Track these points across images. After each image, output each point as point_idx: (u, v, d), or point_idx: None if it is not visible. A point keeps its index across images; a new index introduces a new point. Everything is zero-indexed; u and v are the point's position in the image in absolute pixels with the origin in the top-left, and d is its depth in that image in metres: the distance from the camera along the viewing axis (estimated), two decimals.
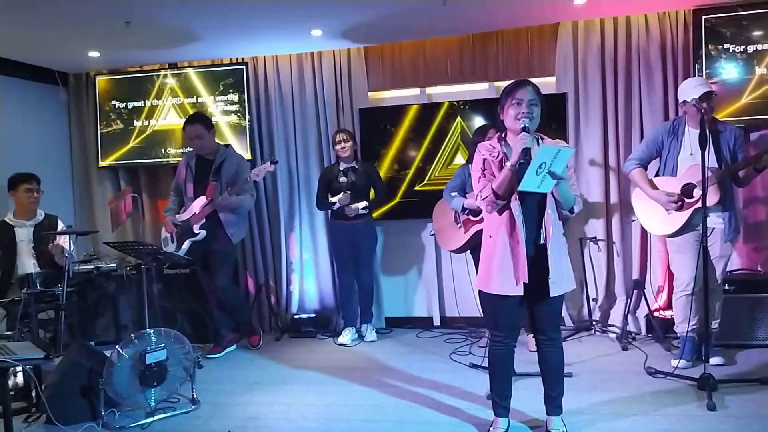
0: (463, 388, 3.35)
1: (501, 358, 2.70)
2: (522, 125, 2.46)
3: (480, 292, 2.66)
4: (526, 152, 2.38)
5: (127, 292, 4.58)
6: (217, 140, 4.39)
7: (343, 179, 4.42)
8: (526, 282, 2.50)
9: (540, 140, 2.59)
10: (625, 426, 2.76)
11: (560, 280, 2.55)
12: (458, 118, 4.62)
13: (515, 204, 2.52)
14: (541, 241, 2.53)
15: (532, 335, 3.67)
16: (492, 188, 2.52)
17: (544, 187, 2.43)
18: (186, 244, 4.12)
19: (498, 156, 2.57)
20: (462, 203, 3.83)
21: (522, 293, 2.53)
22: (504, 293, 2.55)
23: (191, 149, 4.36)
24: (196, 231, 4.10)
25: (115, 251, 4.39)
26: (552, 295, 2.53)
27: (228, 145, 4.39)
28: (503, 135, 2.63)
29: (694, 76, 4.03)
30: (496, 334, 2.69)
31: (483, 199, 2.57)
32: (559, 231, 2.60)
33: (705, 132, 3.07)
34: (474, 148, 2.73)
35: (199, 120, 4.18)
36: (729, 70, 4.06)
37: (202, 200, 4.11)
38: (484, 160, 2.61)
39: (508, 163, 2.47)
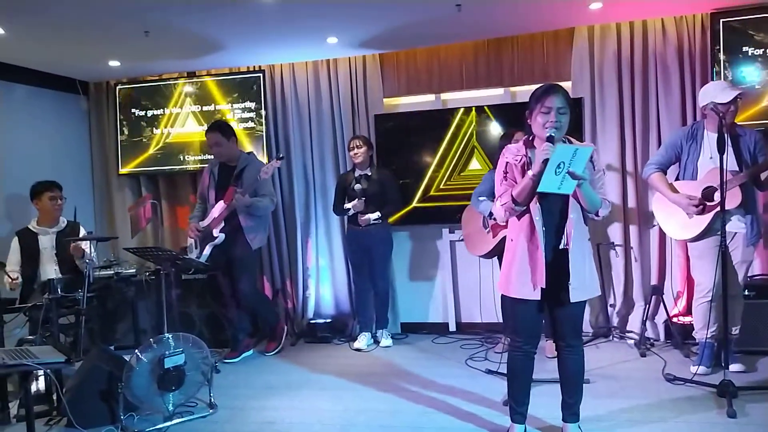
0: (479, 394, 3.34)
1: (520, 364, 2.68)
2: (548, 134, 2.42)
3: (502, 296, 2.66)
4: (547, 163, 2.35)
5: (146, 298, 4.64)
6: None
7: (357, 186, 4.44)
8: (544, 287, 2.49)
9: (568, 142, 2.55)
10: None
11: (582, 286, 2.51)
12: (473, 124, 4.62)
13: (535, 208, 2.50)
14: (562, 246, 2.50)
15: (550, 341, 3.67)
16: (511, 195, 2.50)
17: (565, 188, 2.38)
18: (207, 249, 4.19)
19: (521, 161, 2.55)
20: (490, 207, 3.82)
21: (539, 298, 2.51)
22: (522, 297, 2.54)
23: (213, 157, 4.43)
24: (215, 234, 4.16)
25: (134, 257, 4.45)
26: (572, 300, 2.50)
27: (250, 153, 4.46)
28: (531, 138, 2.59)
29: (712, 80, 3.99)
30: (515, 339, 2.67)
31: (502, 205, 2.56)
32: (583, 236, 2.55)
33: (723, 135, 3.04)
34: (499, 153, 2.71)
35: (218, 128, 4.25)
36: (748, 74, 4.02)
37: (221, 204, 4.17)
38: (507, 163, 2.59)
39: (530, 172, 2.44)
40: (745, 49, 4.01)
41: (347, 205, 4.44)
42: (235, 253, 4.24)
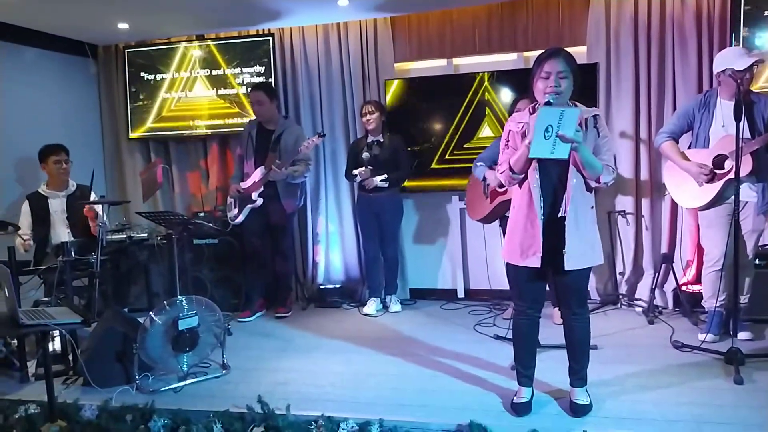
0: (487, 359, 3.38)
1: (524, 329, 2.72)
2: (546, 99, 2.38)
3: (506, 262, 2.68)
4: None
5: (159, 261, 4.68)
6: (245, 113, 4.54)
7: (366, 154, 4.43)
8: (540, 254, 2.50)
9: (575, 107, 2.53)
10: (650, 398, 2.76)
11: (579, 254, 2.51)
12: (485, 90, 4.57)
13: (533, 175, 2.49)
14: (560, 215, 2.50)
15: (557, 308, 3.69)
16: (509, 163, 2.50)
17: (559, 153, 2.34)
18: (245, 211, 4.34)
19: (522, 128, 2.53)
20: (483, 173, 3.82)
21: (538, 265, 2.52)
22: (522, 264, 2.57)
23: (252, 119, 4.55)
24: (254, 198, 4.28)
25: (146, 221, 4.49)
26: (567, 268, 2.50)
27: (287, 116, 4.50)
28: (535, 107, 2.56)
29: (731, 46, 3.91)
30: (519, 304, 2.72)
31: (501, 173, 2.56)
32: (585, 203, 2.53)
33: (740, 103, 3.00)
34: None
35: (262, 87, 4.43)
36: (767, 40, 3.93)
37: (261, 169, 4.28)
38: (510, 131, 2.58)
39: (526, 140, 2.42)
40: (766, 14, 3.91)
41: (355, 171, 4.44)
42: (272, 219, 4.40)
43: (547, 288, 2.76)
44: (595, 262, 2.60)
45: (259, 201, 4.30)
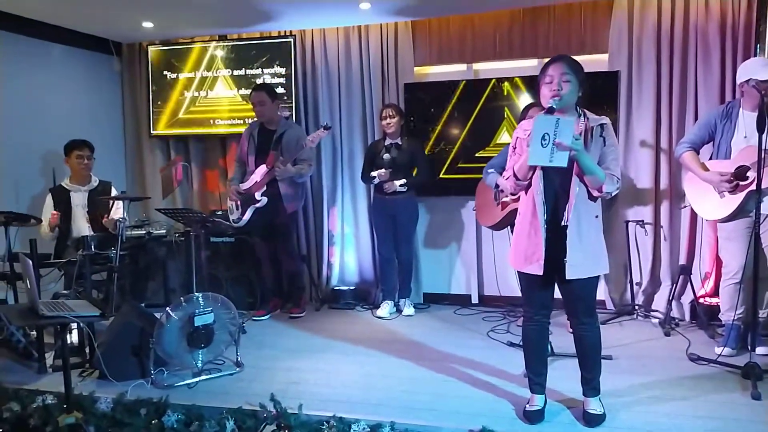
0: (500, 366, 3.37)
1: (533, 334, 2.72)
2: (549, 105, 2.40)
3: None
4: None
5: (176, 258, 4.74)
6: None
7: (386, 156, 4.44)
8: (542, 261, 2.51)
9: (584, 115, 2.53)
10: (664, 410, 2.74)
11: (580, 264, 2.50)
12: (505, 95, 4.56)
13: (537, 183, 2.51)
14: (563, 223, 2.49)
15: None
16: (513, 169, 2.52)
17: (558, 161, 2.34)
18: (249, 212, 4.32)
19: (529, 135, 2.51)
20: (495, 180, 3.81)
21: (541, 272, 2.53)
22: (525, 271, 2.59)
23: (253, 120, 4.52)
24: (257, 198, 4.26)
25: (164, 218, 4.53)
26: (567, 277, 2.50)
27: (288, 117, 4.51)
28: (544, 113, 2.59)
29: (755, 56, 3.86)
30: (527, 309, 2.73)
31: (506, 180, 2.60)
32: (588, 212, 2.53)
33: (764, 114, 2.96)
34: None
35: (264, 88, 4.40)
36: None
37: (263, 168, 4.27)
38: (517, 138, 2.61)
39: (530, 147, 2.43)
40: None
41: (373, 173, 4.44)
42: (273, 218, 4.37)
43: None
44: (599, 271, 2.58)
45: (263, 200, 4.28)
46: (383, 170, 4.39)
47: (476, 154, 4.65)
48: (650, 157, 4.35)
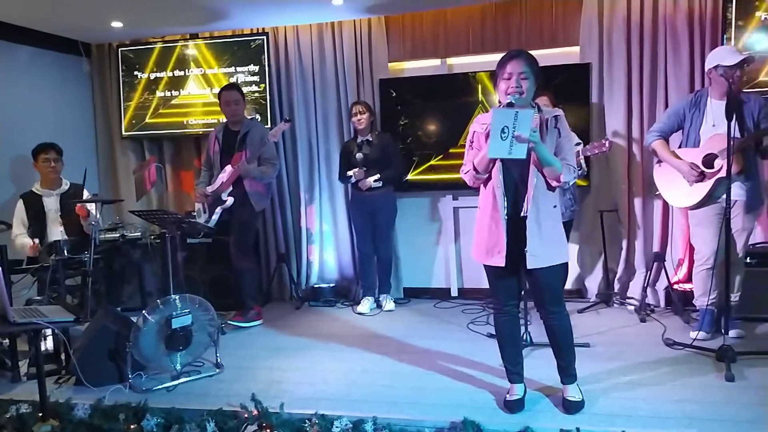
0: (480, 358, 3.39)
1: (504, 325, 2.76)
2: (508, 101, 2.42)
3: None
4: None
5: (152, 261, 4.67)
6: None
7: (358, 154, 4.44)
8: (504, 253, 2.54)
9: (537, 108, 2.56)
10: (642, 395, 2.78)
11: (541, 254, 2.53)
12: (479, 89, 4.58)
13: (496, 175, 2.55)
14: (523, 214, 2.53)
15: None
16: (472, 163, 2.55)
17: (517, 153, 2.36)
18: (217, 213, 4.22)
19: (486, 129, 2.55)
20: None
21: (503, 264, 2.56)
22: (488, 263, 2.63)
23: (221, 121, 4.44)
24: (224, 198, 4.18)
25: (139, 220, 4.47)
26: (529, 267, 2.53)
27: (253, 118, 4.45)
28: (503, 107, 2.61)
29: (722, 46, 3.94)
30: (495, 301, 2.77)
31: (465, 173, 2.62)
32: (547, 202, 2.56)
33: (732, 102, 3.02)
34: None
35: (236, 87, 4.38)
36: (759, 40, 3.96)
37: (228, 168, 4.19)
38: (474, 132, 2.63)
39: (489, 140, 2.44)
40: (757, 14, 3.95)
41: (349, 173, 4.45)
42: (238, 217, 4.27)
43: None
44: (559, 260, 2.61)
45: (230, 200, 4.18)
46: (357, 169, 4.39)
47: (451, 149, 4.67)
48: (623, 147, 4.41)
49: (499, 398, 2.80)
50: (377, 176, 4.40)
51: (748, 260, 3.69)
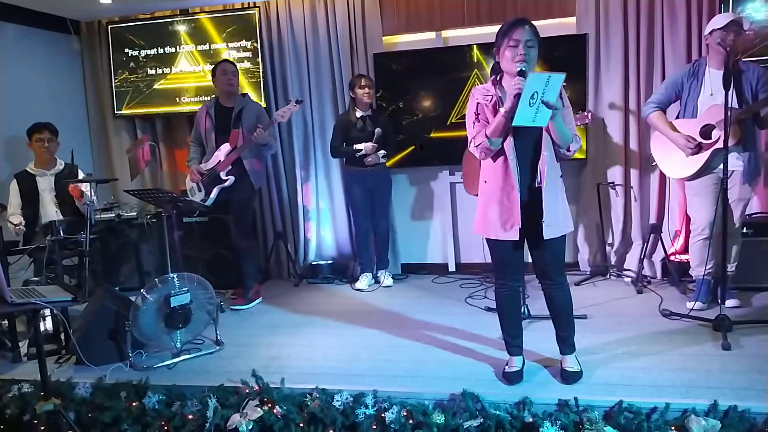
0: (479, 331, 3.41)
1: (506, 300, 2.75)
2: (519, 68, 2.37)
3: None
4: (520, 97, 2.29)
5: (149, 240, 4.67)
6: None
7: (377, 129, 4.35)
8: (521, 227, 2.51)
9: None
10: (639, 365, 2.81)
11: (555, 223, 2.53)
12: (475, 62, 4.53)
13: (509, 147, 2.50)
14: (536, 185, 2.51)
15: None
16: (485, 134, 2.48)
17: (540, 120, 2.34)
18: (214, 192, 4.14)
19: (492, 100, 2.52)
20: None
21: (517, 238, 2.54)
22: (500, 238, 2.58)
23: (211, 97, 4.35)
24: (224, 177, 4.11)
25: (135, 199, 4.45)
26: (545, 238, 2.52)
27: (245, 94, 4.38)
28: (498, 78, 2.57)
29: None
30: (500, 276, 2.74)
31: (477, 146, 2.54)
32: (556, 173, 2.56)
33: (728, 71, 3.00)
34: None
35: (230, 61, 4.28)
36: (756, 9, 3.92)
37: (226, 147, 4.11)
38: (478, 104, 2.56)
39: (502, 109, 2.41)
40: None
41: (358, 146, 4.36)
42: (238, 196, 4.19)
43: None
44: (569, 229, 2.63)
45: (231, 179, 4.10)
46: (369, 144, 4.33)
47: (448, 123, 4.64)
48: (619, 119, 4.39)
49: (498, 370, 2.82)
50: (383, 152, 4.37)
51: (744, 230, 3.70)
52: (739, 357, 2.83)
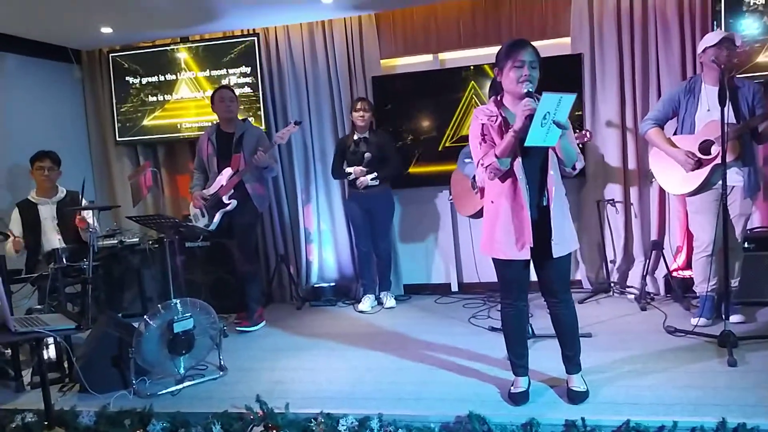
0: (483, 351, 3.40)
1: (512, 320, 2.75)
2: (525, 89, 2.41)
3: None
4: (532, 118, 2.32)
5: (151, 266, 4.67)
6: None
7: (367, 153, 4.38)
8: (530, 245, 2.52)
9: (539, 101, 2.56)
10: (645, 383, 2.79)
11: (563, 241, 2.55)
12: (471, 83, 4.58)
13: (518, 166, 2.51)
14: (544, 203, 2.52)
15: None
16: (495, 155, 2.49)
17: (550, 140, 2.37)
18: (217, 217, 4.16)
19: (497, 120, 2.54)
20: (473, 172, 3.82)
21: (529, 257, 2.55)
22: (510, 258, 2.58)
23: (212, 124, 4.39)
24: (226, 201, 4.13)
25: (137, 226, 4.47)
26: (555, 256, 2.53)
27: (246, 119, 4.43)
28: (499, 98, 2.60)
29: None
30: (506, 296, 2.73)
31: (486, 167, 2.54)
32: (561, 191, 2.58)
33: (725, 87, 3.03)
34: None
35: (229, 87, 4.35)
36: (749, 26, 3.97)
37: (228, 171, 4.13)
38: (483, 125, 2.58)
39: (512, 130, 2.43)
40: (746, 0, 3.96)
41: (348, 169, 4.43)
42: (241, 220, 4.20)
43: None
44: (575, 246, 2.66)
45: (233, 203, 4.13)
46: (358, 167, 4.37)
47: (446, 144, 4.67)
48: (617, 136, 4.42)
49: (504, 391, 2.80)
50: (374, 174, 4.39)
51: (746, 245, 3.71)
52: (746, 373, 2.82)
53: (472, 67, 4.58)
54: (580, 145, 3.93)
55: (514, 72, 2.46)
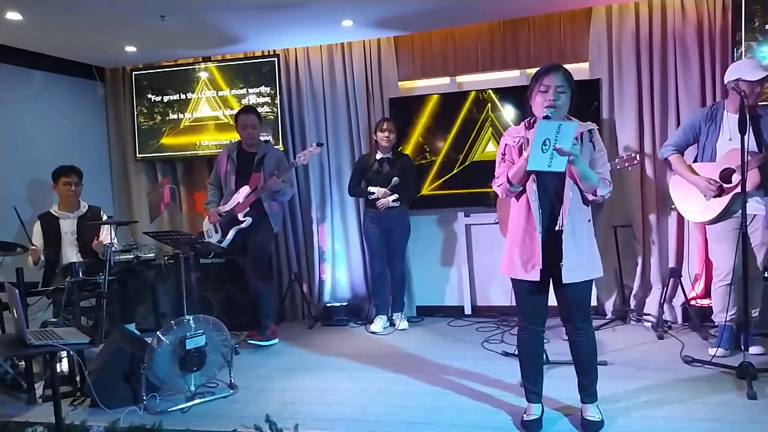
0: (496, 376, 3.36)
1: (528, 344, 2.71)
2: (545, 114, 2.41)
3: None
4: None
5: (166, 281, 4.69)
6: None
7: (395, 178, 4.37)
8: (540, 268, 2.50)
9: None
10: (662, 414, 2.73)
11: (577, 268, 2.51)
12: (488, 107, 4.59)
13: (531, 189, 2.51)
14: (558, 227, 2.50)
15: None
16: (507, 175, 2.51)
17: (556, 166, 2.36)
18: (231, 233, 4.21)
19: (519, 142, 2.56)
20: None
21: (538, 278, 2.53)
22: (522, 278, 2.57)
23: (233, 141, 4.45)
24: (241, 218, 4.18)
25: (153, 241, 4.50)
26: (564, 282, 2.50)
27: (268, 141, 4.48)
28: (531, 121, 2.60)
29: (732, 60, 3.92)
30: (522, 318, 2.72)
31: (498, 186, 2.58)
32: (581, 216, 2.54)
33: (745, 115, 3.00)
34: None
35: (255, 111, 4.36)
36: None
37: (245, 189, 4.19)
38: (506, 145, 2.61)
39: (525, 153, 2.44)
40: (766, 27, 3.94)
41: (371, 189, 4.43)
42: (256, 237, 4.25)
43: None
44: (594, 275, 2.59)
45: (248, 221, 4.18)
46: (382, 189, 4.37)
47: (462, 166, 4.67)
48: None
49: (516, 418, 2.76)
50: (396, 196, 4.40)
51: (766, 275, 3.64)
52: (766, 407, 2.75)
53: (489, 91, 4.60)
54: (629, 168, 3.91)
55: (539, 96, 2.49)
